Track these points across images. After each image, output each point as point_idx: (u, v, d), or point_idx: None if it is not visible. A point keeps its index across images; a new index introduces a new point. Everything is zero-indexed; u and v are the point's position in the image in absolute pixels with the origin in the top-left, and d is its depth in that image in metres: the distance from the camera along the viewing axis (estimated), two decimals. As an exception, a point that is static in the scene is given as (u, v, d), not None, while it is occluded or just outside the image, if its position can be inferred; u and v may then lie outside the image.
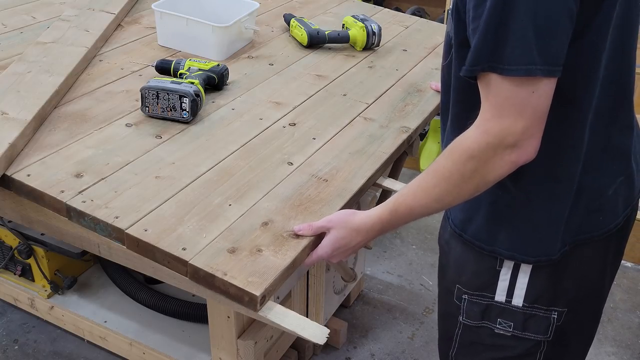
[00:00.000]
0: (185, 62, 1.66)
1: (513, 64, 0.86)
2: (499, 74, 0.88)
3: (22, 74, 1.57)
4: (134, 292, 1.92)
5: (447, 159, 0.98)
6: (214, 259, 1.12)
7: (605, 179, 1.06)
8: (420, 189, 1.03)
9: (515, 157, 0.92)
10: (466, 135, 0.95)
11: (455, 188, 0.98)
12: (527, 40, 0.85)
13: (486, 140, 0.91)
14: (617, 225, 1.10)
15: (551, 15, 0.85)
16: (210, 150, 1.42)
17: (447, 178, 0.98)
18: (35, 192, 1.26)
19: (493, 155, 0.92)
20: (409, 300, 2.33)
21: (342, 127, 1.54)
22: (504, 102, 0.89)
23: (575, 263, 1.08)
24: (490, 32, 0.86)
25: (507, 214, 1.06)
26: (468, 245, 1.10)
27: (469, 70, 0.91)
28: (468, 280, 1.13)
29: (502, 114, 0.89)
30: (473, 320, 1.15)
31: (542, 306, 1.09)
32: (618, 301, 2.36)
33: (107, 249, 1.32)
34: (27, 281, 1.99)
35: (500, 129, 0.90)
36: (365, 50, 1.94)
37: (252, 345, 1.53)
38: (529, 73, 0.86)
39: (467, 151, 0.94)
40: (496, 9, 0.85)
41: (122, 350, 1.84)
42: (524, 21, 0.85)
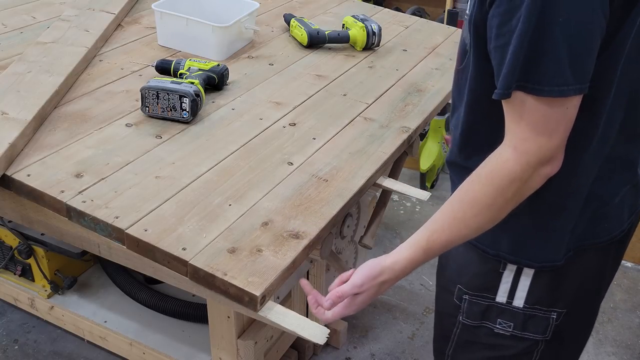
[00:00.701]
0: (185, 62, 1.66)
1: (547, 85, 0.86)
2: (531, 94, 0.87)
3: (22, 74, 1.57)
4: (134, 292, 1.91)
5: (486, 186, 0.95)
6: (214, 259, 1.12)
7: (612, 188, 1.07)
8: (458, 220, 0.99)
9: (549, 170, 0.93)
10: (504, 158, 0.93)
11: (498, 213, 0.96)
12: (561, 61, 0.85)
13: (527, 160, 0.91)
14: (622, 232, 1.11)
15: (585, 34, 0.85)
16: (210, 150, 1.42)
17: (490, 205, 0.95)
18: (35, 192, 1.26)
19: (532, 173, 0.92)
20: (409, 300, 2.33)
21: (342, 127, 1.54)
22: (539, 121, 0.89)
23: (578, 267, 1.08)
24: (522, 53, 0.86)
25: (513, 219, 1.04)
26: (471, 247, 1.10)
27: (504, 94, 0.89)
28: (469, 281, 1.13)
29: (538, 132, 0.89)
30: (473, 320, 1.15)
31: (542, 307, 1.10)
32: (618, 301, 2.36)
33: (107, 249, 1.32)
34: (27, 281, 1.99)
35: (538, 148, 0.90)
36: (365, 50, 1.94)
37: (252, 345, 1.53)
38: (562, 94, 0.87)
39: (510, 175, 0.92)
40: (528, 29, 0.84)
41: (122, 350, 1.84)
42: (558, 41, 0.84)
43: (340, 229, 1.70)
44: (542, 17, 0.83)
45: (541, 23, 0.84)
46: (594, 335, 2.21)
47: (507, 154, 0.93)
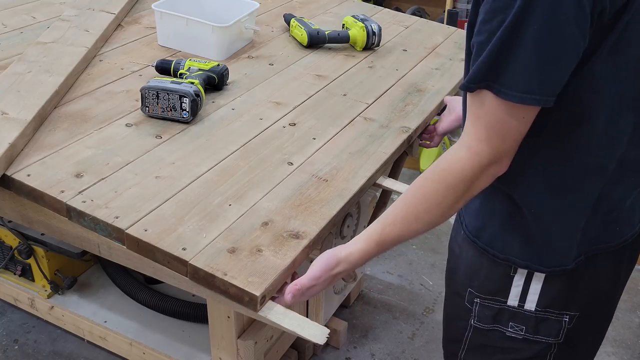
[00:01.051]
0: (185, 62, 1.66)
1: (509, 89, 0.88)
2: (494, 94, 0.89)
3: (22, 74, 1.57)
4: (134, 292, 1.92)
5: (438, 184, 0.98)
6: (214, 259, 1.12)
7: (622, 191, 1.06)
8: (410, 215, 1.02)
9: (496, 171, 0.96)
10: (457, 157, 0.96)
11: (448, 210, 0.99)
12: (529, 68, 0.87)
13: (479, 161, 0.94)
14: (634, 235, 1.11)
15: (558, 47, 0.86)
16: (210, 150, 1.42)
17: (439, 203, 0.98)
18: (35, 192, 1.26)
19: (482, 174, 0.95)
20: (409, 300, 2.33)
21: (342, 127, 1.54)
22: (495, 124, 0.92)
23: (590, 272, 1.08)
24: (494, 52, 0.87)
25: (521, 224, 1.06)
26: (482, 251, 1.10)
27: (467, 87, 0.92)
28: (480, 285, 1.12)
29: (492, 135, 0.92)
30: (484, 323, 1.15)
31: (555, 310, 1.09)
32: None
33: (107, 249, 1.32)
34: (27, 281, 1.99)
35: (491, 150, 0.93)
36: (365, 50, 1.94)
37: (252, 345, 1.53)
38: (522, 101, 0.88)
39: (461, 174, 0.95)
40: (505, 31, 0.86)
41: (122, 350, 1.84)
42: (530, 48, 0.85)
43: (340, 229, 1.70)
44: (519, 23, 0.85)
45: (517, 28, 0.85)
46: (594, 335, 2.22)
47: (461, 153, 0.95)
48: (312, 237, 1.19)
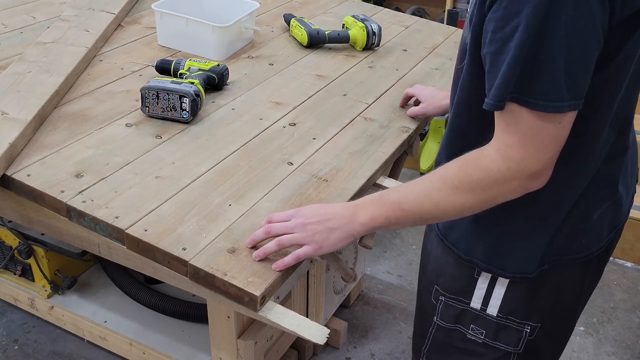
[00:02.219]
0: (185, 62, 1.66)
1: (542, 99, 0.84)
2: (525, 107, 0.86)
3: (22, 74, 1.57)
4: (134, 292, 1.92)
5: (459, 168, 0.95)
6: (214, 259, 1.12)
7: (592, 204, 1.05)
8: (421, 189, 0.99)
9: (532, 185, 0.92)
10: (484, 154, 0.93)
11: (458, 197, 0.95)
12: (558, 75, 0.83)
13: (507, 165, 0.90)
14: (600, 248, 1.09)
15: (584, 50, 0.83)
16: (210, 150, 1.42)
17: (455, 186, 0.95)
18: (35, 192, 1.26)
19: (511, 180, 0.91)
20: (409, 300, 2.33)
21: (342, 127, 1.54)
22: (528, 133, 0.87)
23: (554, 282, 1.07)
24: (519, 64, 0.83)
25: (488, 228, 1.05)
26: (448, 250, 1.10)
27: (496, 106, 0.88)
28: (446, 283, 1.13)
29: (525, 143, 0.88)
30: (447, 322, 1.15)
31: (516, 319, 1.09)
32: (618, 301, 2.36)
33: (107, 249, 1.32)
34: (27, 281, 1.99)
35: (523, 158, 0.89)
36: (365, 50, 1.94)
37: (252, 345, 1.53)
38: (557, 109, 0.85)
39: (484, 170, 0.92)
40: (527, 39, 0.82)
41: (122, 350, 1.84)
42: (556, 55, 0.82)
43: (340, 229, 1.70)
44: (543, 29, 0.81)
45: (541, 35, 0.81)
46: (593, 335, 2.21)
47: (489, 151, 0.92)
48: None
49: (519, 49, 0.83)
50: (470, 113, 1.00)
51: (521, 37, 0.82)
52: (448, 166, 0.97)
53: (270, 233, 1.10)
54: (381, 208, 1.02)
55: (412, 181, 1.03)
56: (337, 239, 1.05)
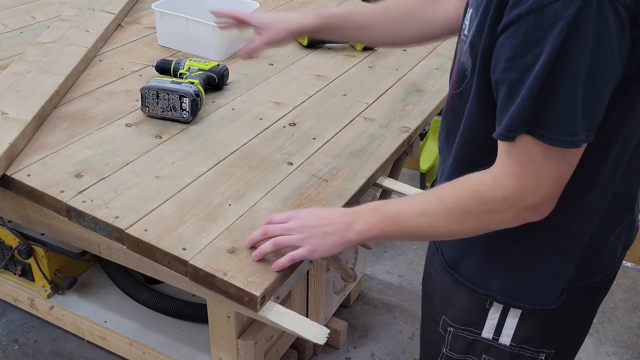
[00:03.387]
0: (185, 62, 1.66)
1: (557, 134, 0.80)
2: (536, 139, 0.82)
3: (22, 74, 1.57)
4: (134, 292, 1.91)
5: (456, 190, 0.93)
6: (214, 259, 1.12)
7: (608, 227, 1.02)
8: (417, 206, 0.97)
9: (530, 216, 0.89)
10: (480, 179, 0.90)
11: (452, 221, 0.93)
12: (574, 109, 0.79)
13: (503, 194, 0.87)
14: (615, 269, 1.07)
15: (602, 78, 0.79)
16: (210, 150, 1.42)
17: (450, 209, 0.92)
18: (35, 192, 1.26)
19: (507, 209, 0.88)
20: (409, 300, 2.33)
21: (342, 127, 1.54)
22: (529, 164, 0.84)
23: (569, 309, 1.04)
24: (534, 93, 0.79)
25: (502, 259, 1.01)
26: (459, 282, 1.06)
27: (507, 137, 0.84)
28: (455, 314, 1.09)
29: (525, 174, 0.85)
30: (457, 353, 1.12)
31: (531, 347, 1.06)
32: (618, 301, 2.36)
33: (107, 249, 1.32)
34: (27, 281, 1.99)
35: (521, 189, 0.86)
36: (365, 50, 1.94)
37: (252, 345, 1.53)
38: (573, 144, 0.81)
39: (480, 196, 0.89)
40: (543, 68, 0.78)
41: (122, 350, 1.84)
42: (574, 87, 0.78)
43: (340, 229, 1.70)
44: (563, 58, 0.77)
45: (561, 64, 0.77)
46: (593, 335, 2.21)
47: (485, 177, 0.89)
48: (312, 237, 1.19)
49: (537, 80, 0.79)
50: (478, 143, 0.96)
51: (541, 66, 0.78)
52: (446, 186, 0.95)
53: (268, 234, 1.09)
54: (377, 219, 1.01)
55: (412, 195, 1.02)
56: (332, 244, 1.04)
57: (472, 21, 0.92)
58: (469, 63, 0.93)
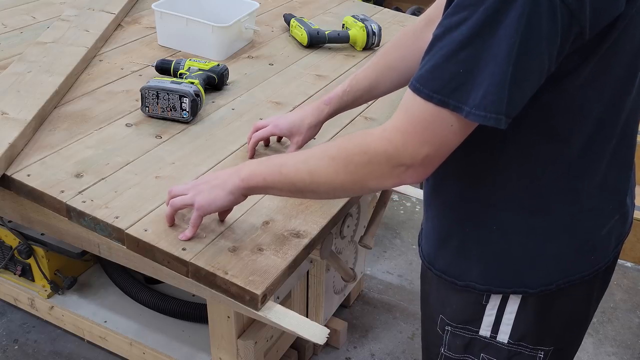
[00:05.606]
0: (185, 62, 1.66)
1: (482, 110, 0.80)
2: (456, 112, 0.81)
3: (22, 74, 1.57)
4: (134, 292, 1.92)
5: (343, 141, 0.94)
6: (215, 258, 1.12)
7: (600, 219, 1.02)
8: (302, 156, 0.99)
9: (405, 177, 0.89)
10: (370, 131, 0.92)
11: (332, 169, 0.93)
12: (501, 85, 0.78)
13: (385, 147, 0.87)
14: (607, 263, 1.06)
15: (531, 64, 0.79)
16: (210, 150, 1.42)
17: (332, 157, 0.94)
18: (35, 192, 1.26)
19: (384, 163, 0.88)
20: (409, 300, 2.33)
21: (343, 126, 1.54)
22: (420, 123, 0.84)
23: (563, 302, 1.04)
24: (457, 61, 0.79)
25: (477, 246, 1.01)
26: (441, 279, 1.06)
27: (419, 91, 0.83)
28: (452, 312, 1.09)
29: (412, 132, 0.85)
30: (455, 353, 1.11)
31: (529, 345, 1.06)
32: (618, 301, 2.36)
33: (107, 249, 1.32)
34: (27, 281, 1.99)
35: (403, 145, 0.86)
36: (365, 50, 1.94)
37: (252, 345, 1.53)
38: (486, 120, 0.80)
39: (363, 146, 0.90)
40: (471, 37, 0.77)
41: (122, 350, 1.84)
42: (504, 63, 0.77)
43: (341, 229, 1.70)
44: (491, 31, 0.77)
45: (488, 38, 0.77)
46: (593, 335, 2.22)
47: (375, 130, 0.91)
48: (313, 237, 1.19)
49: (463, 47, 0.79)
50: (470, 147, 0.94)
51: (468, 35, 0.78)
52: (335, 139, 0.98)
53: (170, 194, 1.15)
54: (262, 168, 1.03)
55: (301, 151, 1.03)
56: (217, 196, 1.08)
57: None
58: None
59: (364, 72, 1.27)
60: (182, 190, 1.13)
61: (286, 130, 1.34)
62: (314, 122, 1.32)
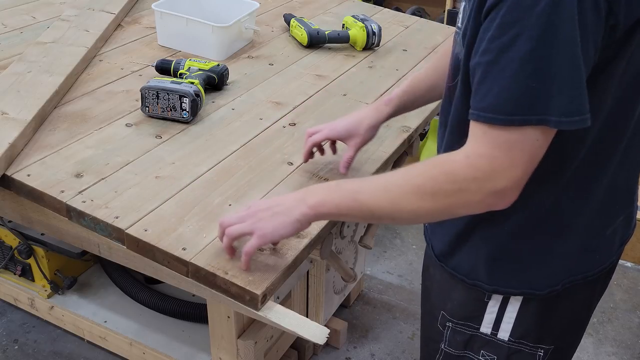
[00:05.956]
0: (185, 62, 1.66)
1: (573, 115, 0.79)
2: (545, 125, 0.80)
3: (22, 74, 1.57)
4: (134, 292, 1.92)
5: (425, 168, 0.90)
6: (215, 258, 1.12)
7: (605, 220, 1.02)
8: (381, 182, 0.94)
9: (495, 202, 0.86)
10: (452, 157, 0.88)
11: (417, 199, 0.89)
12: (581, 86, 0.78)
13: (474, 174, 0.85)
14: (611, 263, 1.07)
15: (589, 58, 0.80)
16: (210, 150, 1.42)
17: (417, 186, 0.89)
18: (35, 192, 1.26)
19: (475, 191, 0.85)
20: (409, 300, 2.33)
21: (342, 127, 1.54)
22: (503, 145, 0.82)
23: (566, 302, 1.04)
24: (529, 78, 0.78)
25: (488, 246, 1.01)
26: (452, 275, 1.07)
27: (509, 120, 0.80)
28: (453, 309, 1.09)
29: (498, 155, 0.83)
30: (455, 349, 1.11)
31: (529, 343, 1.06)
32: (618, 301, 2.36)
33: (107, 249, 1.32)
34: (27, 281, 1.99)
35: (492, 169, 0.84)
36: (365, 50, 1.94)
37: (252, 345, 1.53)
38: (584, 123, 0.79)
39: (451, 174, 0.87)
40: (532, 48, 0.77)
41: (122, 350, 1.84)
42: (575, 65, 0.78)
43: (341, 229, 1.70)
44: (550, 38, 0.76)
45: (549, 42, 0.76)
46: (593, 335, 2.22)
47: (457, 156, 0.87)
48: (313, 237, 1.19)
49: (523, 60, 0.78)
50: (462, 134, 0.94)
51: (526, 46, 0.77)
52: (414, 166, 0.93)
53: (222, 225, 1.06)
54: (333, 194, 0.97)
55: (374, 175, 1.00)
56: (281, 224, 1.00)
57: (465, 13, 0.93)
58: (462, 54, 0.93)
59: (425, 72, 1.24)
60: (236, 219, 1.05)
61: (344, 133, 1.27)
62: (372, 123, 1.26)
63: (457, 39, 0.97)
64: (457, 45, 0.96)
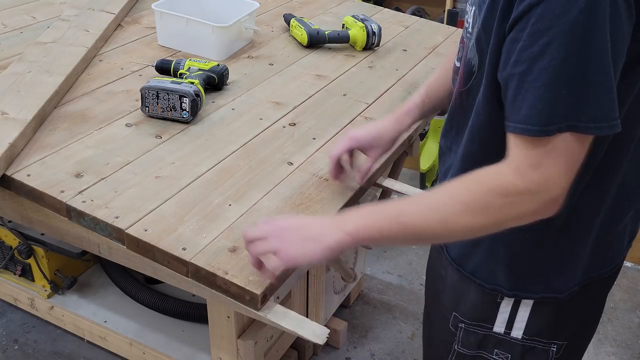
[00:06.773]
0: (185, 62, 1.66)
1: (609, 120, 0.79)
2: (584, 133, 0.80)
3: (22, 74, 1.57)
4: (134, 292, 1.92)
5: (472, 184, 0.88)
6: (215, 258, 1.12)
7: (616, 215, 1.02)
8: (426, 202, 0.91)
9: (547, 211, 0.86)
10: (498, 171, 0.86)
11: (469, 216, 0.87)
12: (612, 92, 0.78)
13: (526, 186, 0.83)
14: (622, 259, 1.07)
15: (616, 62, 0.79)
16: (210, 150, 1.42)
17: (466, 203, 0.87)
18: (35, 192, 1.26)
19: (529, 202, 0.84)
20: (409, 300, 2.33)
21: (342, 127, 1.54)
22: (551, 152, 0.82)
23: (580, 300, 1.04)
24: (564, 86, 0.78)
25: (508, 252, 1.01)
26: (467, 278, 1.06)
27: (543, 131, 0.80)
28: (466, 310, 1.09)
29: (548, 164, 0.82)
30: (468, 349, 1.11)
31: (542, 339, 1.06)
32: (618, 301, 2.36)
33: (107, 249, 1.32)
34: (27, 281, 1.99)
35: (545, 179, 0.83)
36: (365, 50, 1.94)
37: (252, 345, 1.53)
38: (615, 129, 0.80)
39: (501, 188, 0.85)
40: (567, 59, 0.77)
41: (122, 350, 1.84)
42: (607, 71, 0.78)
43: (340, 229, 1.70)
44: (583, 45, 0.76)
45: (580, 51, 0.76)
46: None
47: (504, 169, 0.85)
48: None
49: (557, 68, 0.78)
50: (485, 139, 0.96)
51: (559, 54, 0.77)
52: (457, 182, 0.90)
53: (245, 238, 1.01)
54: (373, 218, 0.92)
55: (414, 195, 0.98)
56: (310, 251, 0.94)
57: (475, 18, 0.93)
58: (475, 59, 0.93)
59: (437, 79, 1.22)
60: (260, 234, 0.98)
61: (366, 144, 1.25)
62: (394, 135, 1.25)
63: (468, 45, 0.96)
64: (469, 51, 0.95)
